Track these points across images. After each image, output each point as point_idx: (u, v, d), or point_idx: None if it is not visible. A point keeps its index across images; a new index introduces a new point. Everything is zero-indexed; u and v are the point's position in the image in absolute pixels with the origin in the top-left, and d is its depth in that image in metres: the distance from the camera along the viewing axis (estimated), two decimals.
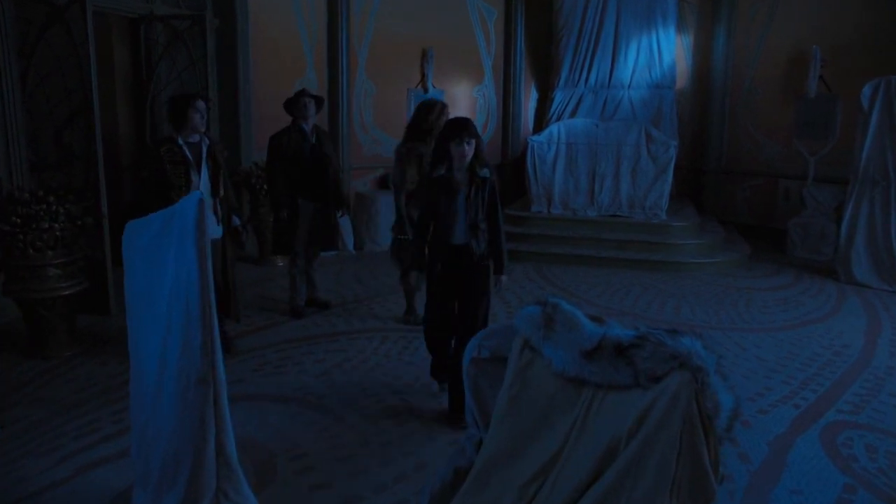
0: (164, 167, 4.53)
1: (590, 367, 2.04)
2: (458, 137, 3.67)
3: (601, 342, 2.05)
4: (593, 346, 2.05)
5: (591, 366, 2.03)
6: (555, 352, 2.09)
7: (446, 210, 3.80)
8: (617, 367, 2.00)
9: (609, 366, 2.01)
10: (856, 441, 3.80)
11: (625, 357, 1.99)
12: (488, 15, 10.15)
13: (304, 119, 5.75)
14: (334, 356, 4.93)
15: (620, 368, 1.99)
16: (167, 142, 4.63)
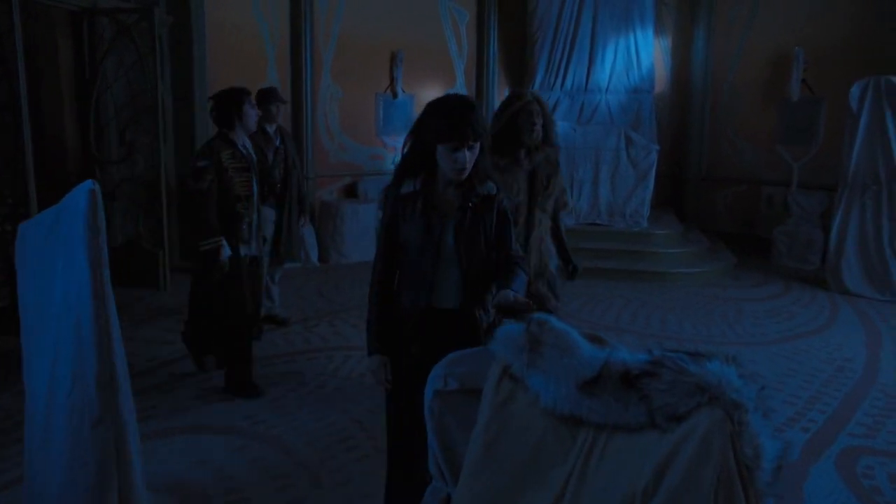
0: (228, 176, 3.93)
1: (589, 402, 1.56)
2: (457, 137, 2.16)
3: (603, 370, 1.58)
4: (593, 376, 1.57)
5: (591, 401, 1.56)
6: (543, 383, 1.60)
7: (422, 252, 2.29)
8: (625, 403, 1.52)
9: (615, 401, 1.53)
10: (877, 470, 3.37)
11: (636, 389, 1.52)
12: (460, 17, 9.73)
13: (270, 120, 5.26)
14: (289, 379, 4.40)
15: (630, 404, 1.52)
16: (226, 145, 3.99)
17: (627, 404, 1.54)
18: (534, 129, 3.36)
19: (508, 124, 3.40)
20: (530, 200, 3.44)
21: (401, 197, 2.32)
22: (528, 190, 3.43)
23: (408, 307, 2.36)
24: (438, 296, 2.33)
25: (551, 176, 3.47)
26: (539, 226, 3.50)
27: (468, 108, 2.21)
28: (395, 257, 2.39)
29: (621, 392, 1.55)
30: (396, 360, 2.40)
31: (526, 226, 3.45)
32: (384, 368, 2.39)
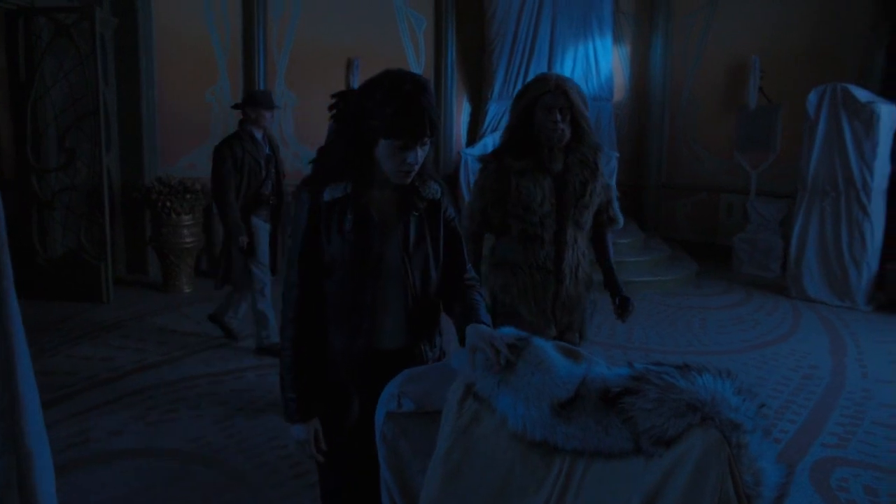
0: None
1: (565, 427, 1.36)
2: (410, 132, 1.70)
3: (580, 389, 1.38)
4: (569, 397, 1.38)
5: (568, 426, 1.36)
6: (512, 403, 1.40)
7: (356, 275, 1.79)
8: (606, 427, 1.33)
9: (594, 424, 1.34)
10: (852, 482, 3.26)
11: (617, 410, 1.33)
12: (417, 24, 9.56)
13: (259, 125, 4.89)
14: (239, 397, 4.13)
15: (611, 427, 1.33)
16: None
17: (608, 428, 1.36)
18: (556, 128, 2.56)
19: (524, 118, 2.64)
20: (559, 213, 2.65)
21: (324, 205, 1.77)
22: (557, 200, 2.65)
23: (340, 350, 1.81)
24: (380, 333, 1.82)
25: (587, 182, 2.67)
26: (573, 246, 2.72)
27: (422, 91, 1.69)
28: (318, 284, 1.81)
29: (601, 414, 1.37)
30: (329, 424, 1.85)
31: (555, 246, 2.68)
32: (316, 437, 1.83)
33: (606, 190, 2.81)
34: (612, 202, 2.87)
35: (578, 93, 2.59)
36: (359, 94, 1.75)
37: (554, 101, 2.55)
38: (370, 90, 1.72)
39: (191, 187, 6.76)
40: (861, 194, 6.55)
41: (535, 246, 2.68)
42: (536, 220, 2.64)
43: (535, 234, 2.66)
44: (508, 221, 2.70)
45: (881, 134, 6.47)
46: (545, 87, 2.58)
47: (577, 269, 2.74)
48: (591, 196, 2.69)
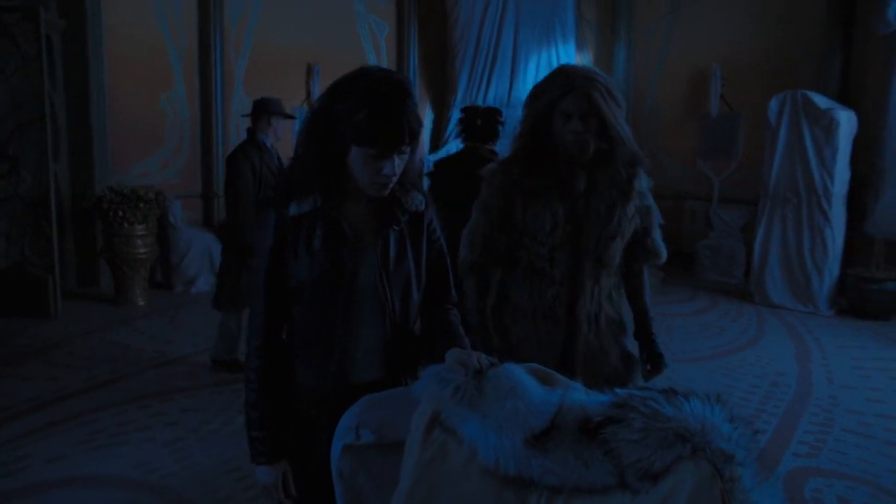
0: None
1: (541, 460, 1.23)
2: (387, 140, 1.50)
3: (556, 418, 1.25)
4: (544, 427, 1.25)
5: (544, 459, 1.23)
6: (482, 432, 1.27)
7: (327, 299, 1.60)
8: (587, 460, 1.20)
9: (573, 457, 1.21)
10: (826, 493, 3.20)
11: (599, 441, 1.21)
12: (379, 29, 9.43)
13: (269, 133, 4.58)
14: (191, 418, 3.92)
15: (593, 461, 1.20)
16: None
17: (589, 461, 1.22)
18: (577, 140, 2.03)
19: (538, 126, 2.10)
20: (576, 245, 2.14)
21: (290, 220, 1.57)
22: (574, 228, 2.12)
23: (308, 383, 1.63)
24: (354, 364, 1.63)
25: (615, 205, 2.11)
26: (593, 287, 2.17)
27: (403, 95, 1.49)
28: (285, 309, 1.62)
29: (581, 446, 1.24)
30: (299, 466, 1.66)
31: (568, 286, 2.15)
32: (284, 481, 1.64)
33: (645, 214, 2.22)
34: (651, 230, 2.25)
35: (608, 92, 2.04)
36: (329, 94, 1.55)
37: (574, 106, 2.02)
38: (342, 91, 1.52)
39: (144, 196, 6.50)
40: (822, 200, 6.60)
41: (543, 285, 2.16)
42: (545, 252, 2.13)
43: (543, 270, 2.15)
44: (518, 252, 2.19)
45: (841, 140, 6.52)
46: (563, 87, 2.04)
47: (597, 316, 2.20)
48: (620, 224, 2.13)
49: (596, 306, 2.20)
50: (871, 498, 3.19)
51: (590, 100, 2.01)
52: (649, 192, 2.24)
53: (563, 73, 2.10)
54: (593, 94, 2.01)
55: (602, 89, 2.03)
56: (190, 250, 7.15)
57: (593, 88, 2.02)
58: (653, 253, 2.28)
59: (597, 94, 2.02)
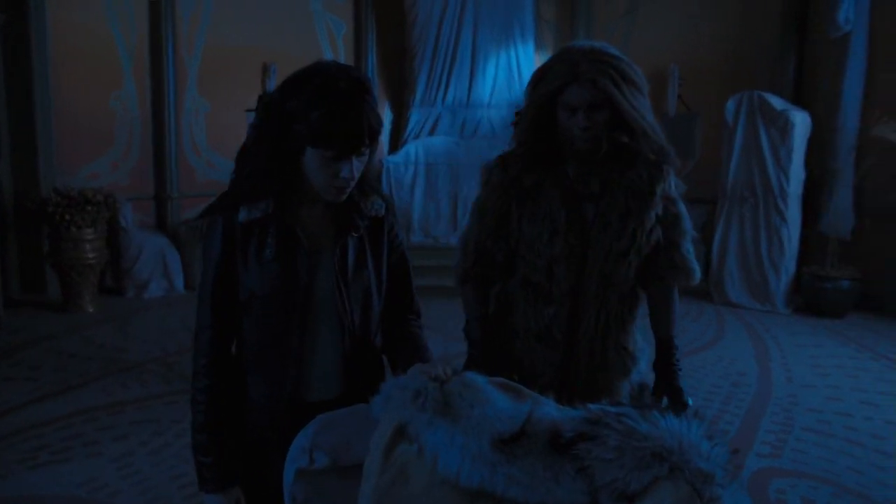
0: None
1: (508, 468, 1.15)
2: (344, 141, 1.40)
3: (526, 426, 1.18)
4: (514, 432, 1.17)
5: (511, 467, 1.15)
6: (446, 439, 1.17)
7: (280, 311, 1.50)
8: (557, 474, 1.13)
9: (542, 469, 1.13)
10: (789, 493, 3.20)
11: (570, 457, 1.13)
12: (336, 28, 9.30)
13: None
14: (141, 430, 3.76)
15: (563, 476, 1.12)
16: None
17: (559, 476, 1.14)
18: (584, 135, 1.74)
19: (541, 117, 1.81)
20: (580, 258, 1.83)
21: (240, 227, 1.46)
22: (579, 238, 1.82)
23: (262, 403, 1.52)
24: (311, 381, 1.52)
25: (631, 213, 1.81)
26: (600, 309, 1.85)
27: (362, 92, 1.39)
28: (234, 322, 1.52)
29: (551, 459, 1.16)
30: (252, 493, 1.55)
31: (569, 305, 1.85)
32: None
33: (671, 224, 1.86)
34: (679, 242, 1.88)
35: (622, 75, 1.70)
36: (282, 90, 1.43)
37: (579, 99, 1.71)
38: (296, 86, 1.41)
39: (92, 199, 6.26)
40: (778, 200, 6.68)
41: (539, 302, 1.86)
42: (542, 264, 1.84)
43: (540, 285, 1.86)
44: (515, 261, 1.92)
45: (796, 141, 6.62)
46: (565, 75, 1.72)
47: (604, 345, 1.86)
48: (636, 236, 1.81)
49: (602, 333, 1.85)
50: (834, 497, 3.19)
51: (597, 89, 1.69)
52: (680, 198, 1.90)
53: (566, 57, 1.75)
54: (601, 81, 1.68)
55: (614, 73, 1.69)
56: (142, 254, 6.93)
57: (602, 74, 1.68)
58: (682, 270, 1.87)
59: (606, 81, 1.68)
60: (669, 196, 1.86)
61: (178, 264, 7.16)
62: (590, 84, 1.70)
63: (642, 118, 1.74)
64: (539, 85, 1.79)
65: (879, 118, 6.27)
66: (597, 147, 1.76)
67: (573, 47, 1.79)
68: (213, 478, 1.50)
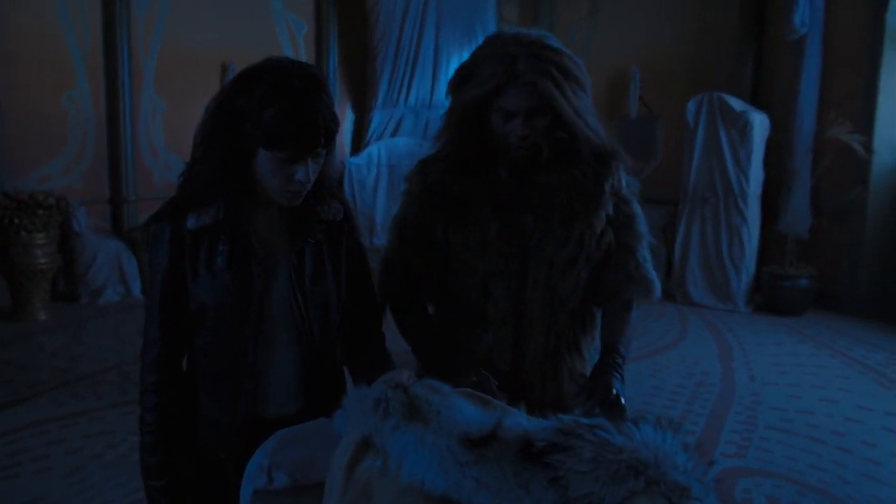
0: None
1: (476, 470, 1.08)
2: (299, 142, 1.32)
3: (496, 430, 1.12)
4: (484, 434, 1.13)
5: (480, 468, 1.08)
6: (413, 444, 1.10)
7: (234, 323, 1.41)
8: (527, 482, 1.07)
9: (512, 473, 1.07)
10: (755, 492, 3.22)
11: (543, 466, 1.08)
12: (297, 28, 9.17)
13: None
14: (95, 442, 3.62)
15: (534, 485, 1.07)
16: None
17: (529, 484, 1.08)
18: (521, 144, 1.53)
19: (469, 114, 1.56)
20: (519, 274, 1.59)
21: (188, 235, 1.38)
22: (514, 249, 1.59)
23: (216, 421, 1.44)
24: (268, 396, 1.44)
25: (577, 217, 1.59)
26: (549, 335, 1.61)
27: (317, 89, 1.32)
28: (185, 335, 1.43)
29: (521, 467, 1.10)
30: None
31: (511, 330, 1.60)
32: None
33: (623, 226, 1.64)
34: (634, 247, 1.64)
35: (564, 72, 1.50)
36: (233, 87, 1.35)
37: (517, 104, 1.49)
38: (247, 84, 1.33)
39: (43, 202, 6.05)
40: (739, 200, 6.77)
41: (476, 327, 1.61)
42: (476, 281, 1.58)
43: (475, 307, 1.60)
44: (447, 279, 1.65)
45: (755, 142, 6.71)
46: (502, 76, 1.48)
47: (554, 372, 1.63)
48: (584, 240, 1.59)
49: (553, 359, 1.60)
50: (798, 495, 3.22)
51: (538, 93, 1.48)
52: (634, 197, 1.68)
53: (500, 52, 1.50)
54: (543, 83, 1.47)
55: (555, 73, 1.48)
56: (96, 259, 6.73)
57: (543, 74, 1.47)
58: (638, 281, 1.63)
59: (548, 83, 1.47)
60: (621, 195, 1.65)
61: (135, 269, 6.97)
62: (530, 87, 1.48)
63: (584, 122, 1.54)
64: (468, 83, 1.54)
65: (835, 120, 6.38)
66: (535, 156, 1.55)
67: (506, 37, 1.54)
68: (165, 502, 1.42)
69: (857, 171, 6.41)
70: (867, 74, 6.38)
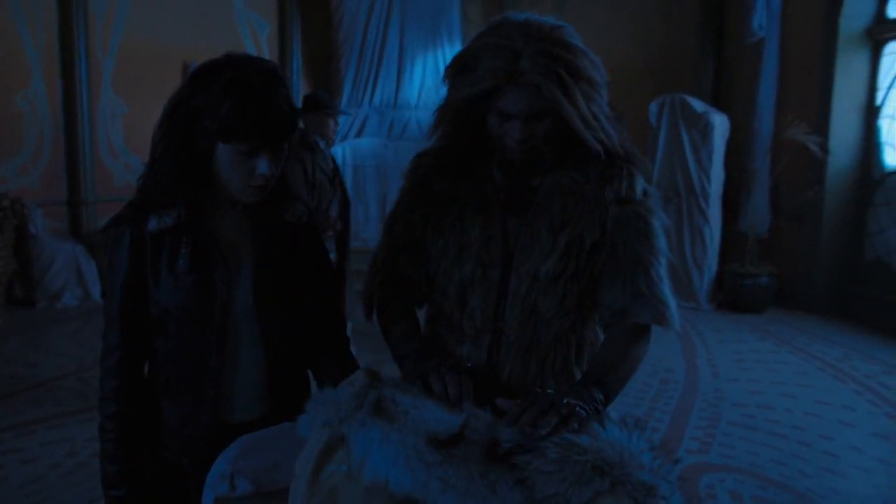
0: None
1: (442, 470, 1.06)
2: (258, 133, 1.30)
3: (464, 430, 1.12)
4: (451, 434, 1.12)
5: (447, 467, 1.06)
6: (378, 441, 1.08)
7: (196, 328, 1.38)
8: (493, 483, 1.06)
9: (479, 476, 1.07)
10: (718, 488, 3.26)
11: (509, 467, 1.08)
12: (260, 28, 9.07)
13: (323, 133, 4.16)
14: (54, 450, 3.53)
15: (500, 486, 1.06)
16: None
17: (496, 485, 1.07)
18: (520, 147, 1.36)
19: (462, 112, 1.40)
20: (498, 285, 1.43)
21: (149, 238, 1.35)
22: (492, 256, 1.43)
23: (179, 428, 1.41)
24: (232, 402, 1.41)
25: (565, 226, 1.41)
26: (529, 354, 1.42)
27: (275, 82, 1.30)
28: (145, 341, 1.40)
29: (487, 468, 1.09)
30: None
31: (489, 346, 1.44)
32: None
33: (636, 238, 1.42)
34: (648, 262, 1.43)
35: (573, 71, 1.29)
36: (189, 85, 1.33)
37: (516, 106, 1.32)
38: (204, 81, 1.31)
39: None
40: (701, 200, 6.88)
41: (452, 338, 1.48)
42: (453, 290, 1.45)
43: (452, 318, 1.47)
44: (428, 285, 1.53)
45: (716, 142, 6.83)
46: (504, 73, 1.29)
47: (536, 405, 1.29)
48: (569, 255, 1.40)
49: (534, 385, 1.39)
50: (759, 490, 3.27)
51: (541, 96, 1.30)
52: (658, 208, 1.48)
53: (503, 45, 1.30)
54: (548, 87, 1.28)
55: (564, 74, 1.28)
56: (54, 263, 6.58)
57: (548, 76, 1.27)
58: (650, 301, 1.40)
59: (554, 87, 1.28)
60: (633, 203, 1.42)
61: (95, 272, 6.82)
62: (533, 89, 1.29)
63: (595, 130, 1.34)
64: (465, 75, 1.36)
65: (792, 121, 6.52)
66: (535, 162, 1.39)
67: (512, 25, 1.32)
68: None
69: (813, 172, 6.56)
70: (822, 77, 6.54)
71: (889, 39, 6.37)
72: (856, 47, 6.44)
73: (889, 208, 6.30)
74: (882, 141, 6.45)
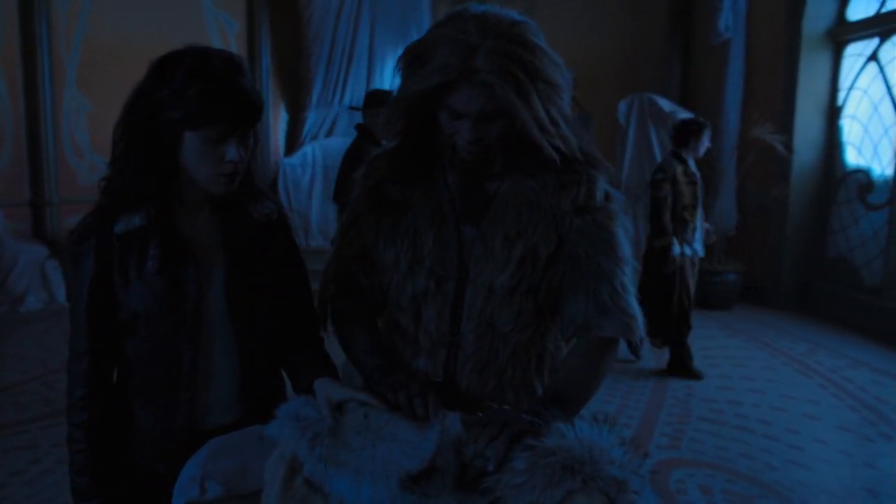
0: (679, 188, 4.74)
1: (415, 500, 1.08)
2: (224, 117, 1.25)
3: (436, 461, 1.09)
4: (422, 468, 1.08)
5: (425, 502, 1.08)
6: (354, 486, 1.07)
7: (168, 330, 1.34)
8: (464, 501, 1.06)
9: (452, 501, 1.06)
10: (688, 483, 3.30)
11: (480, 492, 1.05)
12: (228, 27, 8.97)
13: None
14: (17, 457, 3.45)
15: None
16: (678, 162, 4.79)
17: None
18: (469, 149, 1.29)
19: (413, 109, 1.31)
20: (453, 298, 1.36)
21: (116, 240, 1.30)
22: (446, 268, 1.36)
23: (152, 435, 1.37)
24: (205, 406, 1.37)
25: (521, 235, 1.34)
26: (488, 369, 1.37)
27: (237, 68, 1.26)
28: (114, 346, 1.36)
29: (462, 495, 1.09)
30: None
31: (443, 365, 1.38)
32: None
33: (597, 247, 1.34)
34: (611, 271, 1.33)
35: (532, 76, 1.21)
36: (149, 79, 1.27)
37: (467, 106, 1.24)
38: (164, 73, 1.25)
39: None
40: None
41: (407, 353, 1.41)
42: (406, 302, 1.39)
43: (406, 331, 1.40)
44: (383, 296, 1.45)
45: None
46: (456, 69, 1.21)
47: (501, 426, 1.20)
48: (523, 266, 1.33)
49: (494, 395, 1.35)
50: (728, 483, 3.32)
51: (495, 97, 1.21)
52: (619, 214, 1.39)
53: (458, 40, 1.21)
54: (502, 88, 1.20)
55: (521, 74, 1.20)
56: (16, 265, 6.44)
57: (504, 76, 1.20)
58: (614, 314, 1.31)
59: (507, 87, 1.20)
60: (593, 210, 1.36)
61: (59, 275, 6.69)
62: (486, 89, 1.21)
63: (552, 135, 1.26)
64: (417, 68, 1.26)
65: (757, 120, 6.63)
66: (485, 164, 1.33)
67: (470, 18, 1.24)
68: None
69: (778, 170, 6.68)
70: (786, 77, 6.66)
71: (849, 41, 6.51)
72: (818, 48, 6.57)
73: (850, 206, 6.44)
74: (844, 140, 6.59)
